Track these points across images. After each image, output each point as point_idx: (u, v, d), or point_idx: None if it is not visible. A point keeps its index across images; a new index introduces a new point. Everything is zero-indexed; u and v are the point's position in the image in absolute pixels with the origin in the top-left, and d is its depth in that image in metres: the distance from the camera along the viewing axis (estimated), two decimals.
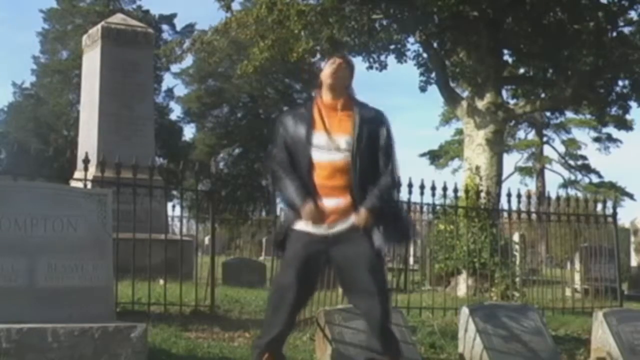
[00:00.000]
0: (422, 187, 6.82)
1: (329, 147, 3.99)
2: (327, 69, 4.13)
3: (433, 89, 15.17)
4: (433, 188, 6.97)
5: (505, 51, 14.92)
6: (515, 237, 10.36)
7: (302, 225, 3.98)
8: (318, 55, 15.58)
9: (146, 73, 11.82)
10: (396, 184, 4.36)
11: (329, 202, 3.96)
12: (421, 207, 7.41)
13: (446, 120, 38.55)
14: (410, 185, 6.73)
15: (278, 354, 4.10)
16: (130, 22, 12.21)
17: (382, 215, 3.97)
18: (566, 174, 40.53)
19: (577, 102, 16.86)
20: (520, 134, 40.34)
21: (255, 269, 11.78)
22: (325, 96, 4.13)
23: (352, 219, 3.94)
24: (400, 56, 14.76)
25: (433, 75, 14.98)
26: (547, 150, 41.06)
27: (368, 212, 3.92)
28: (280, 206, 4.17)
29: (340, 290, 5.34)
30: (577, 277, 11.06)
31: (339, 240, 3.95)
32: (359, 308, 4.12)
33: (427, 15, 13.25)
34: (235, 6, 15.75)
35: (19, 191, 4.23)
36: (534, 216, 8.37)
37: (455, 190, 7.49)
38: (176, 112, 41.57)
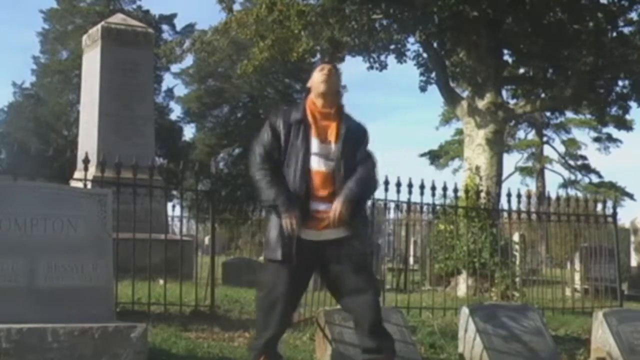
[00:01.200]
0: (422, 187, 6.82)
1: (323, 155, 4.04)
2: (318, 77, 4.17)
3: (433, 89, 15.19)
4: (433, 188, 6.97)
5: (505, 51, 14.92)
6: (515, 237, 10.36)
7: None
8: (318, 55, 15.59)
9: (146, 73, 11.82)
10: (374, 177, 4.19)
11: (321, 207, 3.99)
12: (421, 207, 7.42)
13: (446, 120, 38.54)
14: (410, 185, 6.74)
15: (274, 353, 4.11)
16: (130, 22, 12.21)
17: (358, 221, 4.00)
18: (566, 174, 40.57)
19: (577, 102, 16.86)
20: (520, 134, 40.38)
21: (255, 269, 11.76)
22: (317, 101, 4.17)
23: (344, 230, 3.96)
24: (400, 56, 14.76)
25: (433, 75, 14.98)
26: (547, 150, 41.11)
27: (342, 204, 3.92)
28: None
29: None
30: (577, 277, 11.05)
31: (328, 244, 3.98)
32: (348, 309, 4.14)
33: (427, 15, 13.24)
34: (236, 6, 15.75)
35: (19, 191, 4.24)
36: (534, 216, 8.37)
37: (455, 190, 7.49)
38: (176, 112, 41.58)
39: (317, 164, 4.03)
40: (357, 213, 4.02)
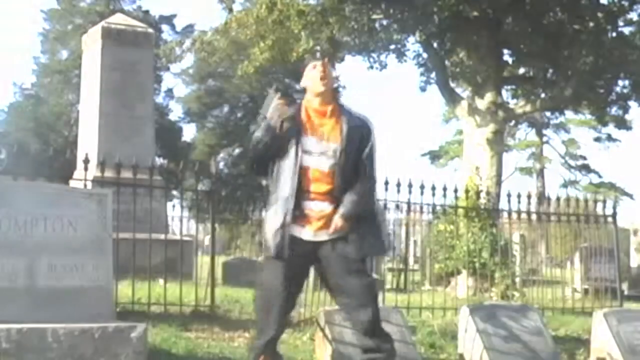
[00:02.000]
0: (422, 187, 6.83)
1: (318, 153, 3.99)
2: (314, 75, 4.10)
3: (433, 89, 15.23)
4: (433, 188, 6.98)
5: (505, 51, 14.94)
6: (515, 237, 10.35)
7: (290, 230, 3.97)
8: (318, 56, 15.59)
9: (146, 73, 11.81)
10: (374, 190, 4.15)
11: (316, 206, 3.96)
12: (421, 207, 7.42)
13: (446, 120, 38.52)
14: (410, 185, 6.75)
15: (274, 353, 4.11)
16: (130, 22, 12.20)
17: (359, 223, 3.94)
18: (566, 174, 40.55)
19: (577, 102, 16.86)
20: (520, 134, 40.34)
21: (255, 269, 11.76)
22: (314, 100, 4.11)
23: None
24: (400, 56, 14.78)
25: (433, 75, 15.00)
26: (547, 150, 41.10)
27: (344, 220, 3.91)
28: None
29: None
30: (577, 277, 11.05)
31: (324, 244, 3.96)
32: (344, 310, 4.13)
33: (427, 15, 13.25)
34: (236, 6, 15.78)
35: (19, 191, 4.23)
36: (534, 216, 8.37)
37: (455, 190, 7.49)
38: (176, 112, 41.56)
39: (312, 162, 3.97)
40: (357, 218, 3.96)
